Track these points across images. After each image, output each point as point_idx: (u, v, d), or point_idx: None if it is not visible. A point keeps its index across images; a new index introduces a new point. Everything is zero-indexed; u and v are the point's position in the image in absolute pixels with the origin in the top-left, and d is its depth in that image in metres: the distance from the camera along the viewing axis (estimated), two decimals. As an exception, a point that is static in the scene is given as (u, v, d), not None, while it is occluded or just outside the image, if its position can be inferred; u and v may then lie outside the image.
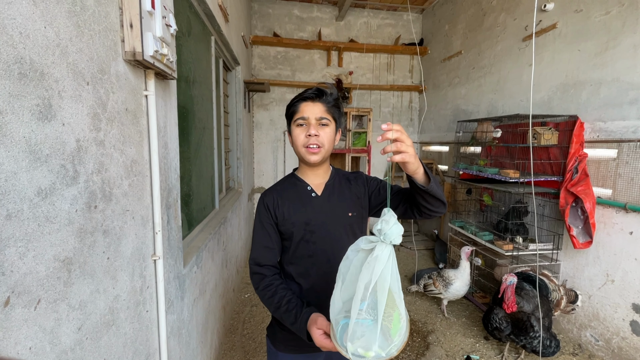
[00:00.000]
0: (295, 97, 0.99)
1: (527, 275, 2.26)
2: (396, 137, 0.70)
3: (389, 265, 0.66)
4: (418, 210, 0.91)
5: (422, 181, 0.81)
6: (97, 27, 0.73)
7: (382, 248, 0.66)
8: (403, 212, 0.97)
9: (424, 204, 0.87)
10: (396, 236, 0.65)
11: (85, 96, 0.69)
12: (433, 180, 0.81)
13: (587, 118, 2.29)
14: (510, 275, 2.07)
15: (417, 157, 0.76)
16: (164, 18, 0.96)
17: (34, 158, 0.55)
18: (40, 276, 0.56)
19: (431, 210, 0.89)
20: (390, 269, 0.66)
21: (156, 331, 1.09)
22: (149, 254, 1.02)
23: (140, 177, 0.96)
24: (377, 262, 0.65)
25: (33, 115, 0.54)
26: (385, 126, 0.68)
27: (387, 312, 0.66)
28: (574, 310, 2.19)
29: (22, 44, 0.52)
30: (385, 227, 0.65)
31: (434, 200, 0.85)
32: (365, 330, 0.65)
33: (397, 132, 0.70)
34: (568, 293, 2.18)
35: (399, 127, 0.70)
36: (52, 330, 0.59)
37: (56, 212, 0.60)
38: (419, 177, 0.80)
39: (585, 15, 2.34)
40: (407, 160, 0.72)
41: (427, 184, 0.81)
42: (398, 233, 0.65)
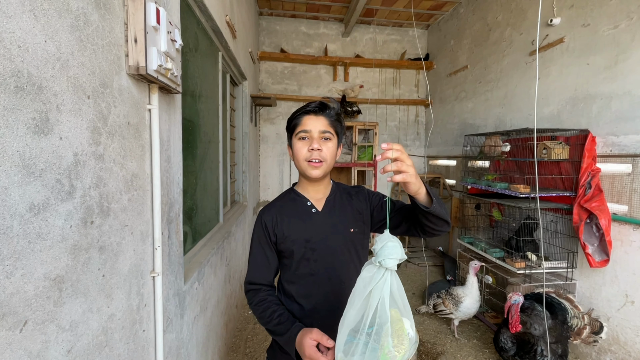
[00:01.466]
0: (297, 110, 0.97)
1: (546, 297, 2.14)
2: (396, 157, 0.68)
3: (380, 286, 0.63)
4: (421, 229, 0.88)
5: (425, 201, 0.79)
6: (101, 42, 0.73)
7: (373, 270, 0.65)
8: (406, 230, 0.94)
9: (426, 223, 0.84)
10: (385, 258, 0.62)
11: (85, 110, 0.68)
12: (436, 201, 0.78)
13: (598, 132, 2.24)
14: (515, 294, 1.99)
15: (418, 177, 0.74)
16: (169, 33, 0.96)
17: (28, 173, 0.53)
18: (28, 296, 0.53)
19: (434, 230, 0.86)
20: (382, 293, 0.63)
21: (153, 352, 1.04)
22: (147, 270, 1.00)
23: (140, 192, 0.94)
24: (369, 283, 0.63)
25: (28, 129, 0.53)
26: (385, 145, 0.68)
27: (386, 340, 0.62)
28: (597, 342, 2.04)
29: (21, 57, 0.51)
30: (377, 247, 0.64)
31: (437, 220, 0.82)
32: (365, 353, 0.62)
33: (397, 152, 0.69)
34: (592, 323, 2.04)
35: (399, 147, 0.69)
36: (38, 354, 0.56)
37: (49, 228, 0.58)
38: (421, 198, 0.78)
39: (593, 30, 2.32)
40: (408, 180, 0.70)
41: (430, 204, 0.78)
42: (388, 255, 0.62)
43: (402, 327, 0.65)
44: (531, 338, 1.93)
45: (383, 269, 0.64)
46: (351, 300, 0.68)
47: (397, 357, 0.63)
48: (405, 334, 0.65)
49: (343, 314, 0.69)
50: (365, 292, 0.64)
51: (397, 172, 0.69)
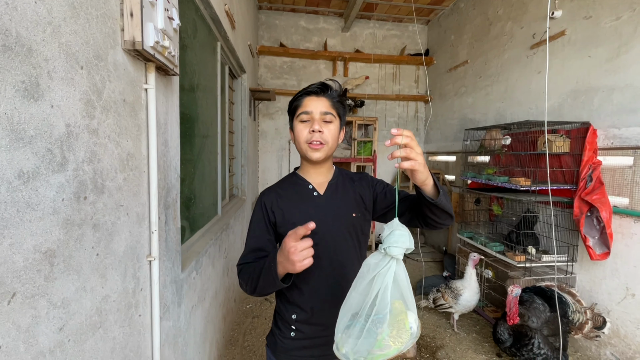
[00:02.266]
0: (299, 92, 0.95)
1: (546, 290, 2.14)
2: (406, 143, 0.65)
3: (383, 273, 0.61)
4: (424, 220, 0.85)
5: (431, 193, 0.76)
6: (95, 12, 0.71)
7: (379, 257, 0.63)
8: (408, 220, 0.91)
9: (430, 215, 0.81)
10: (391, 245, 0.60)
11: (78, 80, 0.66)
12: (442, 193, 0.75)
13: (600, 125, 2.23)
14: (515, 286, 1.97)
15: (426, 167, 0.71)
16: (166, 10, 0.94)
17: (16, 137, 0.51)
18: (16, 267, 0.51)
19: (437, 223, 0.83)
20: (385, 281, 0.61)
21: (149, 338, 1.02)
22: (143, 254, 0.97)
23: (136, 172, 0.92)
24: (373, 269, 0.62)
25: (17, 92, 0.51)
26: (395, 130, 0.65)
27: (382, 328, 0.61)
28: (599, 337, 2.02)
29: (8, 15, 0.49)
30: (384, 234, 0.62)
31: (442, 213, 0.79)
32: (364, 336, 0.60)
33: (407, 138, 0.65)
34: (595, 318, 2.01)
35: (409, 133, 0.66)
36: (27, 329, 0.54)
37: (39, 198, 0.56)
38: (428, 189, 0.75)
39: (594, 22, 2.31)
40: (417, 168, 0.67)
41: (436, 197, 0.76)
42: (394, 243, 0.60)
43: (403, 320, 0.63)
44: (528, 331, 1.91)
45: (388, 256, 0.62)
46: (355, 284, 0.66)
47: (391, 347, 0.62)
48: (407, 328, 0.63)
49: (346, 296, 0.67)
50: (368, 278, 0.62)
51: (406, 159, 0.66)
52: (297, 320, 0.95)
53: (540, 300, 2.04)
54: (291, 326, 0.95)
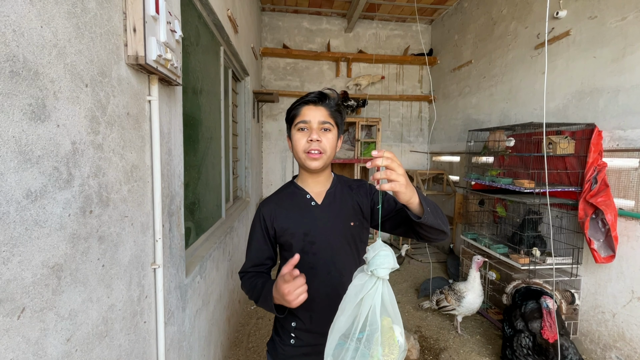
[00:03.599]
0: (297, 101, 0.95)
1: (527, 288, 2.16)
2: (387, 165, 0.65)
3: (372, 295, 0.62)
4: (417, 234, 0.85)
5: (417, 211, 0.75)
6: (99, 30, 0.73)
7: (365, 278, 0.64)
8: (403, 232, 0.91)
9: (420, 231, 0.81)
10: (377, 268, 0.61)
11: (83, 98, 0.68)
12: (430, 211, 0.74)
13: (605, 126, 2.20)
14: (545, 298, 1.84)
15: (410, 186, 0.70)
16: (168, 23, 0.95)
17: (24, 159, 0.53)
18: (25, 283, 0.53)
19: (429, 238, 0.83)
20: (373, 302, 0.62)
21: (154, 343, 1.05)
22: (148, 262, 1.00)
23: (140, 183, 0.94)
24: (360, 291, 0.63)
25: (25, 114, 0.53)
26: (375, 152, 0.65)
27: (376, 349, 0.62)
28: (577, 309, 2.09)
29: (16, 41, 0.51)
30: (369, 257, 0.62)
31: (431, 229, 0.78)
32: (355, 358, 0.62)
33: (388, 160, 0.65)
34: (564, 295, 2.07)
35: (390, 155, 0.66)
36: (37, 341, 0.56)
37: (47, 215, 0.58)
38: (414, 207, 0.74)
39: (600, 22, 2.28)
40: (397, 189, 0.67)
41: (422, 214, 0.74)
42: (380, 265, 0.61)
43: (392, 336, 0.64)
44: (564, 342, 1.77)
45: (375, 277, 0.63)
46: (342, 307, 0.67)
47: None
48: (396, 342, 0.65)
49: (334, 319, 0.68)
50: (357, 300, 0.63)
51: (388, 180, 0.66)
52: (296, 328, 0.96)
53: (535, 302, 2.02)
54: (291, 334, 0.97)
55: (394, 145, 4.82)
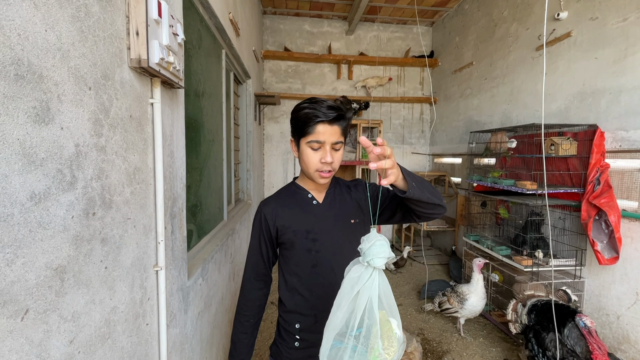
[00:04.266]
0: (311, 116, 0.87)
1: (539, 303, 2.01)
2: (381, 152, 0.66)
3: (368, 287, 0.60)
4: (414, 213, 0.84)
5: (402, 186, 0.74)
6: (102, 34, 0.74)
7: (361, 270, 0.62)
8: (402, 217, 0.92)
9: (415, 208, 0.80)
10: (374, 257, 0.60)
11: (86, 101, 0.68)
12: (413, 187, 0.72)
13: (607, 127, 2.20)
14: (581, 316, 1.72)
15: (397, 167, 0.70)
16: (171, 27, 0.96)
17: (28, 161, 0.53)
18: (29, 285, 0.53)
19: (427, 213, 0.82)
20: (370, 293, 0.60)
21: (156, 346, 1.04)
22: (150, 264, 1.00)
23: (143, 185, 0.94)
24: (356, 283, 0.61)
25: (29, 117, 0.53)
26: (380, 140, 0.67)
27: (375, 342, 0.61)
28: (578, 307, 2.04)
29: (20, 45, 0.51)
30: (364, 247, 0.61)
31: (423, 204, 0.77)
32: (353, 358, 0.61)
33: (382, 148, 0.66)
34: (561, 297, 2.04)
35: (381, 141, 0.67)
36: (40, 343, 0.56)
37: (50, 217, 0.58)
38: (399, 183, 0.73)
39: (601, 23, 2.28)
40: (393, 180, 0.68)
41: (407, 188, 0.73)
42: (377, 254, 0.60)
43: (390, 328, 0.63)
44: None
45: (371, 268, 0.62)
46: (337, 303, 0.65)
47: (387, 359, 0.62)
48: (394, 335, 0.63)
49: (329, 316, 0.66)
50: (353, 293, 0.62)
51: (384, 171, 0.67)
52: (301, 330, 0.96)
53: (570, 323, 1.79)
54: (295, 336, 0.97)
55: (395, 147, 4.82)
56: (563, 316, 1.82)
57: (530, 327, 1.98)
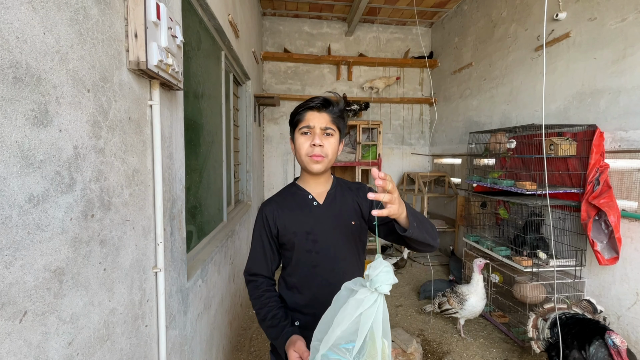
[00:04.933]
0: (301, 105, 0.97)
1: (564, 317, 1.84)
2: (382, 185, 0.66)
3: (371, 312, 0.65)
4: (406, 244, 0.86)
5: (404, 224, 0.76)
6: (101, 36, 0.74)
7: (366, 294, 0.66)
8: (395, 239, 0.91)
9: (409, 242, 0.82)
10: (382, 284, 0.64)
11: (85, 103, 0.68)
12: (413, 226, 0.74)
13: (606, 127, 2.20)
14: (610, 334, 1.57)
15: (401, 203, 0.71)
16: (169, 29, 0.96)
17: (27, 164, 0.53)
18: (27, 287, 0.54)
19: (417, 249, 0.84)
20: (374, 317, 0.65)
21: (156, 347, 1.05)
22: (149, 265, 1.00)
23: (142, 187, 0.94)
24: (360, 306, 0.65)
25: (27, 120, 0.53)
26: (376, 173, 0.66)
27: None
28: (606, 319, 1.85)
29: (19, 48, 0.52)
30: (372, 274, 0.65)
31: (418, 242, 0.80)
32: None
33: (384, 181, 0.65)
34: (585, 307, 1.90)
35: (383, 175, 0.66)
36: (38, 345, 0.56)
37: (48, 219, 0.58)
38: (402, 221, 0.75)
39: (599, 23, 2.29)
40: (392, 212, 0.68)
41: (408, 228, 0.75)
42: (384, 281, 0.64)
43: (384, 349, 0.67)
44: None
45: (377, 294, 0.66)
46: (339, 320, 0.67)
47: None
48: (387, 356, 0.68)
49: (329, 331, 0.68)
50: (356, 314, 0.65)
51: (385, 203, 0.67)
52: (299, 327, 0.97)
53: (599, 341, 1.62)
54: None
55: (395, 147, 4.82)
56: (590, 332, 1.67)
57: (554, 344, 1.80)
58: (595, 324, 1.72)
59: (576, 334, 1.72)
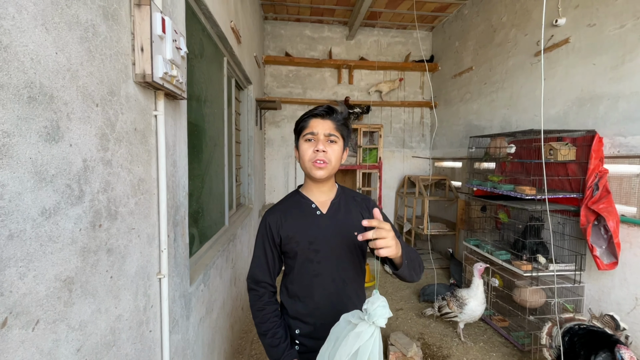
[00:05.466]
0: (305, 113, 0.99)
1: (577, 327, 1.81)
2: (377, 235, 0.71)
3: (369, 345, 0.70)
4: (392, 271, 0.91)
5: (397, 263, 0.82)
6: (109, 52, 0.76)
7: (365, 327, 0.71)
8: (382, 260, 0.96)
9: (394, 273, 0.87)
10: (379, 318, 0.69)
11: (94, 117, 0.71)
12: (404, 266, 0.80)
13: (606, 133, 2.21)
14: (620, 347, 1.52)
15: (398, 245, 0.76)
16: (174, 41, 0.99)
17: (39, 178, 0.56)
18: (39, 296, 0.56)
19: (400, 280, 0.90)
20: (370, 349, 0.70)
21: (159, 352, 1.07)
22: (154, 272, 1.02)
23: (147, 195, 0.97)
24: (358, 339, 0.70)
25: (40, 136, 0.56)
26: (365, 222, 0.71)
27: None
28: (628, 337, 1.77)
29: (33, 69, 0.54)
30: (370, 308, 0.70)
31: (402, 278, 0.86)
32: None
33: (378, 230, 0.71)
34: (607, 323, 1.82)
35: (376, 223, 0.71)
36: (49, 352, 0.58)
37: (59, 231, 0.61)
38: (396, 260, 0.81)
39: (598, 30, 2.31)
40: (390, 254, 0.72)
41: (399, 268, 0.82)
42: (381, 315, 0.69)
43: None
44: None
45: (374, 327, 0.71)
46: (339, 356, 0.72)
47: None
48: None
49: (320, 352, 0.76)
50: (354, 348, 0.70)
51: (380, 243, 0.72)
52: (300, 335, 0.99)
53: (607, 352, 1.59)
54: (295, 340, 0.99)
55: (396, 150, 4.84)
56: (599, 343, 1.65)
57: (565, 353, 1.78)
58: (607, 337, 1.68)
59: (584, 343, 1.70)
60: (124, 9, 0.83)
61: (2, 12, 0.48)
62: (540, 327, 2.09)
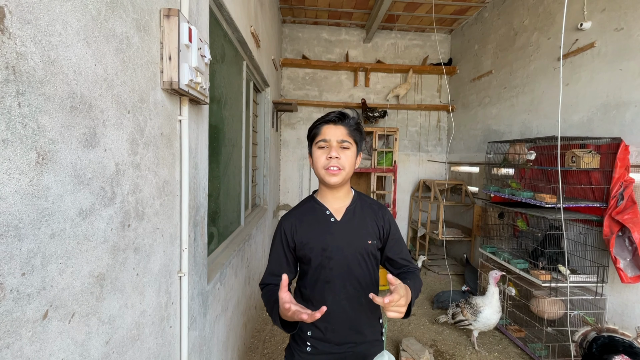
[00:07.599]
0: (318, 120, 1.01)
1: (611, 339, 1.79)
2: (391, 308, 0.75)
3: None
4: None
5: None
6: (140, 61, 0.81)
7: None
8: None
9: None
10: None
11: (125, 124, 0.75)
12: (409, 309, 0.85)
13: (632, 141, 2.14)
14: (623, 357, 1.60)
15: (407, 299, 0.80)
16: (199, 49, 1.03)
17: (78, 182, 0.60)
18: (75, 291, 0.60)
19: None
20: None
21: (178, 347, 1.11)
22: (175, 270, 1.06)
23: (170, 197, 1.01)
24: None
25: (80, 143, 0.60)
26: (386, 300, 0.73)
27: None
28: None
29: (75, 80, 0.58)
30: None
31: None
32: None
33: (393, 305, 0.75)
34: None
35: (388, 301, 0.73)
36: (82, 343, 0.62)
37: (94, 230, 0.65)
38: None
39: (626, 34, 2.23)
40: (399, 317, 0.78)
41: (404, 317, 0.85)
42: None
43: None
44: None
45: None
46: None
47: None
48: None
49: None
50: None
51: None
52: (312, 337, 1.00)
53: None
54: (306, 342, 1.01)
55: (411, 154, 4.80)
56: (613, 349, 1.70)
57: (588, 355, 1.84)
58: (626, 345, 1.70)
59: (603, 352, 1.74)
60: (154, 20, 0.87)
61: (51, 29, 0.53)
62: (559, 340, 2.03)
